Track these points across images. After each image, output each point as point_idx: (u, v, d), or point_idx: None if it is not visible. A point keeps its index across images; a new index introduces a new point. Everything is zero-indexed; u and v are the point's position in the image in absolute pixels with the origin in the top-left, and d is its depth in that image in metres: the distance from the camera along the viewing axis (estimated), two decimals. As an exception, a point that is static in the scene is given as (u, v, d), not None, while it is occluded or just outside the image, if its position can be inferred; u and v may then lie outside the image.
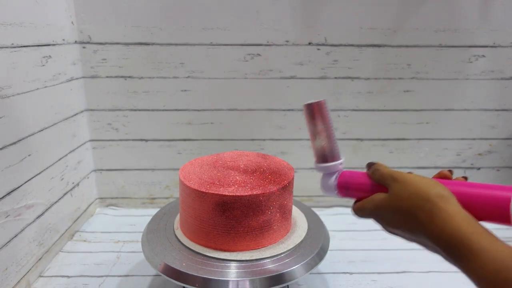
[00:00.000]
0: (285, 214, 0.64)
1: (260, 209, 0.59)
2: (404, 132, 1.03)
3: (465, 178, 0.40)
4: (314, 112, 0.49)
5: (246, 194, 0.58)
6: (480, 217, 0.36)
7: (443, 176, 0.41)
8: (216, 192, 0.58)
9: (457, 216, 0.34)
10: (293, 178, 0.65)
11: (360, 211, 0.43)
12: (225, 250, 0.61)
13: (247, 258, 0.59)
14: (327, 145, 0.49)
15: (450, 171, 0.41)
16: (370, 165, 0.44)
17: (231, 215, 0.59)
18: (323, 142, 0.49)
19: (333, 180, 0.48)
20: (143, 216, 1.02)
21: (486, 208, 0.36)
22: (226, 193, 0.58)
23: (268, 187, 0.60)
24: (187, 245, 0.62)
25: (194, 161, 0.72)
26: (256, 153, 0.75)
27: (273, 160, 0.71)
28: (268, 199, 0.59)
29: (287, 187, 0.62)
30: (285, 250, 0.61)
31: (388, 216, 0.39)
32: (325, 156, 0.49)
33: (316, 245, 0.63)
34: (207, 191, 0.59)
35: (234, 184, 0.61)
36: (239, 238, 0.60)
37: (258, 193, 0.58)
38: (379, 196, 0.40)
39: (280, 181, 0.62)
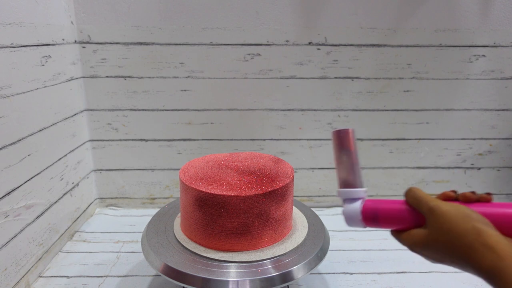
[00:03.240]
0: (268, 222, 0.61)
1: (234, 212, 0.58)
2: (404, 132, 1.03)
3: (489, 194, 0.40)
4: (342, 139, 0.50)
5: (221, 193, 0.58)
6: None
7: (447, 198, 0.41)
8: (195, 187, 0.59)
9: (496, 246, 0.34)
10: (286, 186, 0.62)
11: (400, 242, 0.43)
12: (212, 248, 0.61)
13: (248, 259, 0.59)
14: (351, 171, 0.50)
15: (454, 191, 0.41)
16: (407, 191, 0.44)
17: (207, 212, 0.59)
18: (348, 168, 0.50)
19: (357, 208, 0.47)
20: (143, 216, 1.02)
21: None
22: (203, 190, 0.59)
23: (248, 190, 0.59)
24: (187, 245, 0.62)
25: (197, 160, 0.72)
26: (272, 157, 0.73)
27: (283, 165, 0.69)
28: (244, 203, 0.58)
29: (271, 195, 0.59)
30: (286, 250, 0.61)
31: (428, 252, 0.39)
32: (348, 182, 0.50)
33: (316, 246, 0.63)
34: (189, 185, 0.60)
35: (226, 184, 0.61)
36: (214, 236, 0.60)
37: (233, 194, 0.58)
38: (417, 233, 0.40)
39: (265, 188, 0.60)
